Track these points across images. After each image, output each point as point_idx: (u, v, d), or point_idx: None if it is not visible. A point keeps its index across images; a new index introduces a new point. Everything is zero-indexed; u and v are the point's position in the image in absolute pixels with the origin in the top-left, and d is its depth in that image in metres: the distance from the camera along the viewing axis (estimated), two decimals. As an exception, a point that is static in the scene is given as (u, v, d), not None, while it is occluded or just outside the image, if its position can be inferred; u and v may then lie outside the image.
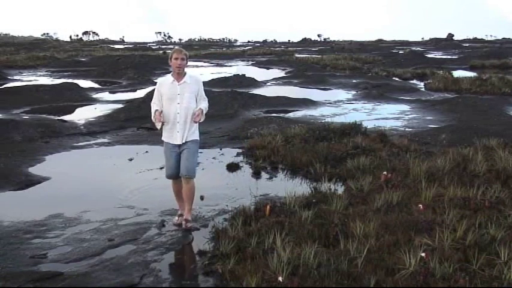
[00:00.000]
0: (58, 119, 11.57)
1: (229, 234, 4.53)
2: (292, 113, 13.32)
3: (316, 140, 8.60)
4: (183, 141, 4.89)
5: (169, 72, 5.42)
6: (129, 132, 10.62)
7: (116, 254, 4.46)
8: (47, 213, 5.46)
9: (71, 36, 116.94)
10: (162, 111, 4.83)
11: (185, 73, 4.96)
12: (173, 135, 4.91)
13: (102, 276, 4.01)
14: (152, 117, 4.89)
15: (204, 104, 4.98)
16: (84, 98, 15.92)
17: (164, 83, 4.99)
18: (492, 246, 4.04)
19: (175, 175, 5.03)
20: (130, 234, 4.90)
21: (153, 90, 5.17)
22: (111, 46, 73.11)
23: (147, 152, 8.66)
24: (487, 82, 18.68)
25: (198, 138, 5.03)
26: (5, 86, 18.61)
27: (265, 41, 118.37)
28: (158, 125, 4.84)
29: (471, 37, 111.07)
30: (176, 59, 4.86)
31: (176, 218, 5.23)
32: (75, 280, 3.94)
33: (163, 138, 5.02)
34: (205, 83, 19.49)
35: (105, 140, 9.77)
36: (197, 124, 4.98)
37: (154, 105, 4.95)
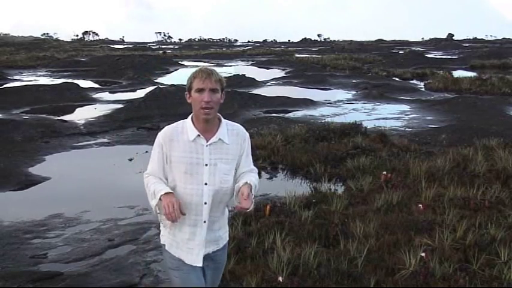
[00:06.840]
0: (58, 119, 11.57)
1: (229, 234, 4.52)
2: (292, 113, 13.32)
3: (316, 140, 8.61)
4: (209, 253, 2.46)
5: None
6: (129, 132, 10.62)
7: (116, 254, 4.47)
8: (47, 213, 5.46)
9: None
10: (177, 200, 2.25)
11: (219, 119, 2.41)
12: (190, 246, 2.39)
13: (102, 276, 4.02)
14: (153, 207, 2.32)
15: (253, 177, 2.43)
16: (84, 98, 15.91)
17: (175, 138, 2.34)
18: (492, 246, 4.04)
19: None
20: (130, 234, 4.90)
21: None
22: (111, 46, 73.22)
23: (147, 152, 8.64)
24: (487, 82, 18.72)
25: (228, 237, 2.62)
26: (5, 86, 18.59)
27: (265, 41, 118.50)
28: (169, 223, 2.36)
29: (471, 37, 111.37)
30: (201, 90, 2.28)
31: None
32: (75, 280, 3.94)
33: (169, 249, 2.44)
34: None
35: (105, 140, 9.77)
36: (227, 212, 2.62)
37: (153, 180, 2.36)
